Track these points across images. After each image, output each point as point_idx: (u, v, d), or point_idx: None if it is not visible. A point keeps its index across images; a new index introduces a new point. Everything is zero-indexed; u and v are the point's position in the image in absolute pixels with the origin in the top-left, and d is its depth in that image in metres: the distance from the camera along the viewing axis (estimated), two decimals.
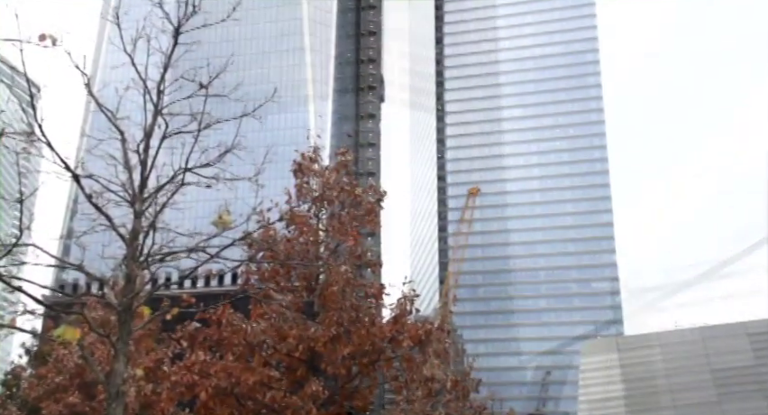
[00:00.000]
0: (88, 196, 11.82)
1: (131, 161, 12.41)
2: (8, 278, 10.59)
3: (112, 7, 16.45)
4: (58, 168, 11.39)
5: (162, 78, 12.82)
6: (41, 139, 11.15)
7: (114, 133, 12.52)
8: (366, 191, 24.25)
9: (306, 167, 23.71)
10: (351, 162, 25.24)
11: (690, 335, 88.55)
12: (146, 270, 12.09)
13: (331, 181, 23.32)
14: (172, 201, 12.68)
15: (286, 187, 23.65)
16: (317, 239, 22.42)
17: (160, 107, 12.80)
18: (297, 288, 20.97)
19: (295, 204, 22.23)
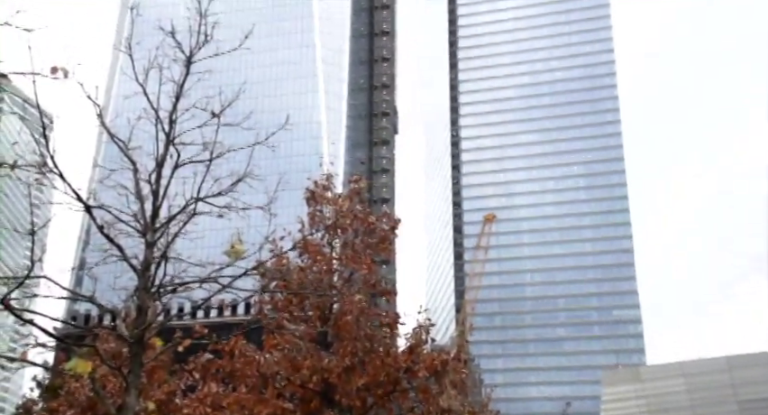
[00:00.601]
0: (100, 227, 11.91)
1: (142, 191, 12.51)
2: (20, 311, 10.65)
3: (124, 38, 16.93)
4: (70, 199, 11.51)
5: (174, 107, 12.98)
6: (54, 170, 11.29)
7: (126, 163, 12.65)
8: (380, 219, 24.22)
9: (319, 195, 23.73)
10: (364, 190, 25.25)
11: (715, 364, 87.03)
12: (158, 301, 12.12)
13: (344, 209, 23.32)
14: (184, 231, 12.75)
15: (299, 215, 23.70)
16: (331, 268, 22.38)
17: (172, 137, 12.94)
18: (311, 318, 20.90)
19: (308, 232, 22.23)
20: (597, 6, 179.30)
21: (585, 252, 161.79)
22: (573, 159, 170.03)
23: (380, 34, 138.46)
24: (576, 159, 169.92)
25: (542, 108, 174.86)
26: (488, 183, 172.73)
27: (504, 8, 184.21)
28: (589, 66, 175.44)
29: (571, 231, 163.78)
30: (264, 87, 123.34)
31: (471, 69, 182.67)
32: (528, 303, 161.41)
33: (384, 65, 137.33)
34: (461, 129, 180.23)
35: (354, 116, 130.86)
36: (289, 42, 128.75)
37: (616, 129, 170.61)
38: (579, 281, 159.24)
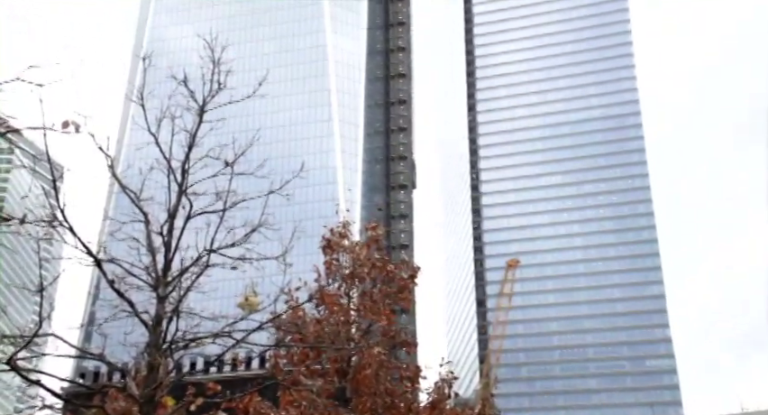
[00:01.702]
0: (110, 281, 11.96)
1: (154, 243, 12.59)
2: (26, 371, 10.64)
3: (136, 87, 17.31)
4: (80, 253, 11.60)
5: (187, 157, 13.14)
6: (64, 224, 11.40)
7: (137, 215, 12.76)
8: (399, 267, 24.17)
9: (335, 243, 23.75)
10: (382, 237, 25.25)
11: None
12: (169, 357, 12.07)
13: (362, 257, 23.29)
14: (197, 284, 12.77)
15: (314, 264, 23.69)
16: (349, 319, 22.25)
17: (184, 187, 13.06)
18: (328, 372, 20.69)
19: (324, 282, 22.19)
20: (619, 45, 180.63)
21: (614, 298, 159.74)
22: (599, 201, 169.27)
23: (396, 77, 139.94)
24: (602, 201, 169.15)
25: (564, 149, 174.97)
26: (510, 227, 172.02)
27: (523, 48, 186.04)
28: (612, 105, 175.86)
29: (598, 276, 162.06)
30: (278, 132, 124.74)
31: (490, 111, 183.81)
32: (556, 353, 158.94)
33: (401, 107, 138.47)
34: (480, 172, 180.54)
35: (371, 161, 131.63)
36: (303, 87, 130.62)
37: (642, 170, 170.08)
38: (609, 329, 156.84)
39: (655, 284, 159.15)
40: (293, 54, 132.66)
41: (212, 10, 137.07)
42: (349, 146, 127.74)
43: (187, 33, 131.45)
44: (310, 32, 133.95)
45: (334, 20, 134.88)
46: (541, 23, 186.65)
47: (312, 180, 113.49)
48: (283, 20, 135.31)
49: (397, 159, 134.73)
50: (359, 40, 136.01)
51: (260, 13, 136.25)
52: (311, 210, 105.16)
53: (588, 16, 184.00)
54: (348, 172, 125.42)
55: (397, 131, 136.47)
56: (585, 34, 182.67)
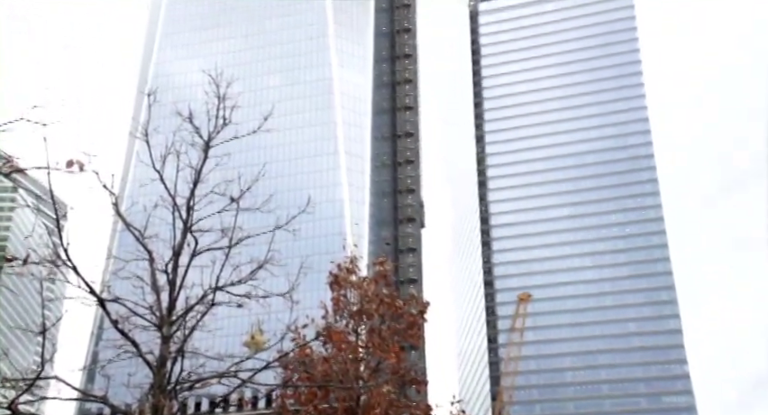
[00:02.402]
0: (114, 321, 11.95)
1: (159, 281, 12.59)
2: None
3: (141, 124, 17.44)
4: (83, 292, 11.61)
5: (192, 193, 13.19)
6: (67, 263, 11.43)
7: (141, 253, 12.79)
8: (407, 303, 24.08)
9: (342, 279, 23.72)
10: (390, 272, 25.22)
11: None
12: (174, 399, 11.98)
13: (370, 293, 23.23)
14: (202, 323, 12.73)
15: (322, 300, 23.64)
16: (357, 357, 22.11)
17: (189, 224, 13.10)
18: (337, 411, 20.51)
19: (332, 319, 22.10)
20: (629, 74, 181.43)
21: (629, 333, 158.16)
22: (612, 233, 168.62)
23: (403, 109, 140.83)
24: (615, 233, 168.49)
25: (576, 180, 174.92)
26: (521, 260, 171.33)
27: (531, 78, 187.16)
28: (624, 135, 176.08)
29: (612, 310, 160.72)
30: (284, 165, 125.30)
31: (499, 142, 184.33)
32: (570, 389, 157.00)
33: (408, 139, 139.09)
34: (490, 204, 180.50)
35: (378, 194, 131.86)
36: (309, 120, 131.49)
37: (655, 201, 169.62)
38: (624, 365, 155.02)
39: (671, 318, 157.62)
40: (299, 87, 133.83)
41: (217, 45, 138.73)
42: (356, 179, 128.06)
43: (193, 68, 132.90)
44: (316, 65, 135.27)
45: (340, 53, 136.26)
46: (550, 53, 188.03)
47: (319, 214, 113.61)
48: (289, 53, 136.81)
49: (404, 192, 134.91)
50: (365, 72, 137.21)
51: (266, 47, 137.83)
52: (318, 245, 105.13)
53: (597, 46, 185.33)
54: (355, 206, 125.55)
55: (404, 163, 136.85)
56: (595, 63, 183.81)
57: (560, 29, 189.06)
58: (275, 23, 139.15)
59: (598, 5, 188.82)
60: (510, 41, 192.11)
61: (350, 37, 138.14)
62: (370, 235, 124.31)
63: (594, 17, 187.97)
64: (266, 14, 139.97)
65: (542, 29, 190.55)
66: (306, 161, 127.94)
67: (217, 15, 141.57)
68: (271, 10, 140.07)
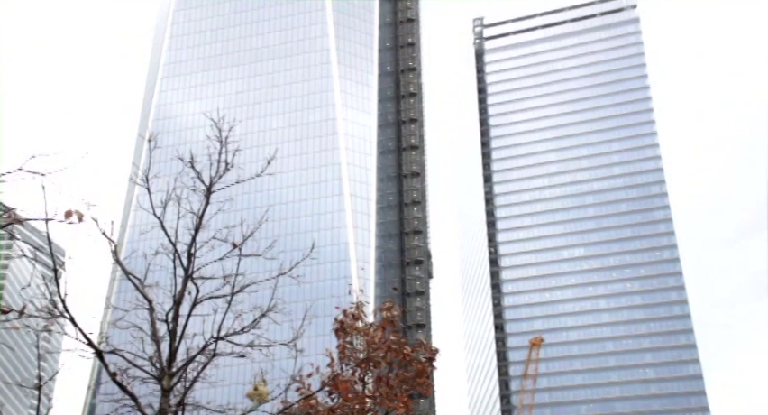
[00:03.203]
0: (112, 374, 11.86)
1: (159, 331, 12.53)
2: None
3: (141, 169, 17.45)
4: (80, 344, 11.54)
5: (193, 240, 13.20)
6: (65, 315, 11.39)
7: (141, 302, 12.76)
8: (416, 349, 23.85)
9: (348, 325, 23.55)
10: (398, 317, 25.05)
11: None
12: None
13: (376, 340, 23.03)
14: (203, 375, 12.62)
15: (327, 348, 23.42)
16: (364, 407, 21.82)
17: (190, 272, 13.08)
18: None
19: (338, 368, 21.88)
20: (640, 112, 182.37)
21: (647, 379, 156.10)
22: (626, 275, 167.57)
23: (409, 148, 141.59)
24: (629, 274, 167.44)
25: (587, 220, 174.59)
26: (532, 303, 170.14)
27: (540, 117, 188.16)
28: (635, 174, 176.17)
29: (629, 355, 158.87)
30: (288, 208, 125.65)
31: (507, 182, 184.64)
32: None
33: (414, 180, 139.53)
34: (499, 245, 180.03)
35: (384, 236, 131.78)
36: (314, 161, 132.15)
37: (670, 241, 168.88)
38: (643, 413, 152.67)
39: (691, 364, 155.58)
40: (303, 128, 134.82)
41: (220, 86, 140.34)
42: (361, 221, 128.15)
43: (194, 111, 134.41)
44: (320, 106, 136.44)
45: (344, 93, 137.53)
46: (557, 91, 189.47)
47: (324, 258, 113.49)
48: (292, 94, 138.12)
49: (411, 233, 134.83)
50: (370, 112, 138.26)
51: (269, 88, 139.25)
52: (323, 289, 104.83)
53: (606, 83, 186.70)
54: (361, 248, 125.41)
55: (411, 204, 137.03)
56: (604, 101, 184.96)
57: (566, 67, 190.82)
58: (278, 64, 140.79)
59: (605, 43, 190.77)
60: (516, 79, 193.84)
61: (354, 77, 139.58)
62: (376, 278, 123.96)
63: (601, 54, 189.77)
64: (269, 56, 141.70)
65: (548, 67, 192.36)
66: (310, 203, 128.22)
67: (220, 57, 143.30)
68: (274, 51, 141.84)
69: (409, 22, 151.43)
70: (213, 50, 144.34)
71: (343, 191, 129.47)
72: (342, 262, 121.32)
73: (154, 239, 13.83)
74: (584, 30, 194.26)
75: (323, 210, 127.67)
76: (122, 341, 12.40)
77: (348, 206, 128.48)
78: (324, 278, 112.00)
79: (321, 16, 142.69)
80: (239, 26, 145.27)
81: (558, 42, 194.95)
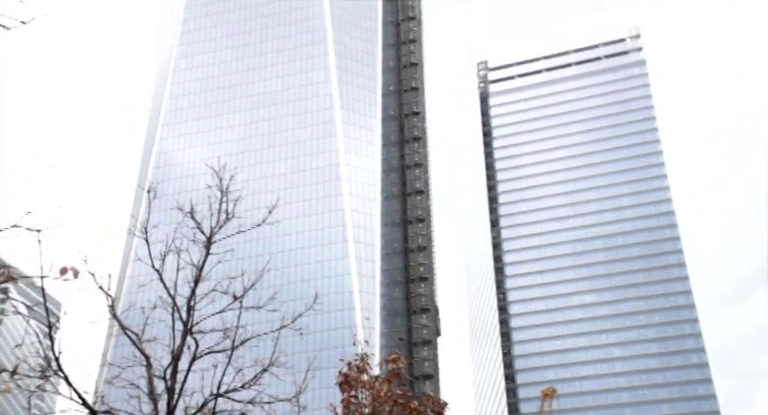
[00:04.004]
0: None
1: (156, 389, 12.36)
2: None
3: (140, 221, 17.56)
4: (75, 404, 11.37)
5: (193, 292, 13.11)
6: (58, 374, 11.25)
7: (138, 358, 12.61)
8: (424, 403, 23.48)
9: (353, 378, 23.25)
10: (404, 369, 24.75)
11: None
12: None
13: (382, 394, 22.71)
14: None
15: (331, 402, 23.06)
16: None
17: (190, 325, 12.96)
18: None
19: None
20: (650, 154, 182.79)
21: None
22: (639, 322, 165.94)
23: (414, 193, 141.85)
24: (642, 321, 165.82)
25: (598, 265, 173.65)
26: (543, 352, 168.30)
27: (547, 160, 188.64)
28: (647, 217, 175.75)
29: (646, 406, 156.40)
30: (291, 256, 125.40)
31: (515, 226, 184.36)
32: None
33: (419, 226, 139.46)
34: (508, 292, 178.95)
35: (389, 283, 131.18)
36: (316, 208, 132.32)
37: (685, 286, 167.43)
38: None
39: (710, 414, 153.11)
40: (305, 174, 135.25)
41: (221, 133, 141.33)
42: (366, 268, 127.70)
43: (196, 158, 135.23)
44: (323, 152, 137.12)
45: (347, 138, 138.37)
46: (563, 133, 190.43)
47: (327, 307, 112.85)
48: (294, 140, 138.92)
49: (417, 280, 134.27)
50: (373, 157, 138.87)
51: (271, 134, 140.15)
52: (326, 340, 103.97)
53: (613, 125, 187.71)
54: (365, 297, 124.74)
55: (416, 250, 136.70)
56: (612, 144, 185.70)
57: (573, 109, 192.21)
58: (280, 110, 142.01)
59: (612, 85, 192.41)
60: (522, 122, 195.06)
61: (357, 122, 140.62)
62: (381, 327, 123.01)
63: (608, 97, 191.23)
64: (271, 102, 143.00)
65: (554, 109, 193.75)
66: (313, 250, 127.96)
67: (221, 104, 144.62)
68: (277, 97, 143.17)
69: (413, 66, 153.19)
70: (214, 96, 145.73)
71: (347, 238, 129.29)
72: (346, 310, 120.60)
73: (153, 291, 13.74)
74: (590, 72, 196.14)
75: (326, 258, 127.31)
76: (118, 399, 12.23)
77: (352, 253, 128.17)
78: (328, 328, 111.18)
79: (324, 62, 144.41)
80: (241, 73, 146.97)
81: (564, 85, 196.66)
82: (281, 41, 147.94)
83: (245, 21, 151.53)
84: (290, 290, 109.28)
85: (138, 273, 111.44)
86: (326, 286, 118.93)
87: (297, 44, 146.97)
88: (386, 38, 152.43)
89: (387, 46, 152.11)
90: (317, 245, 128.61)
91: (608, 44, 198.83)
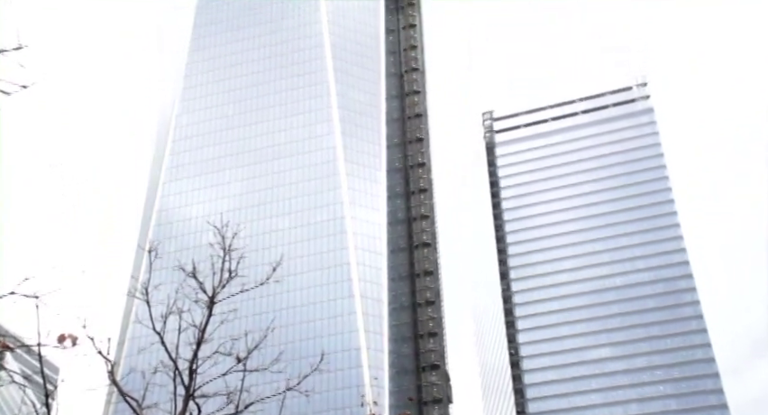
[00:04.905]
0: None
1: None
2: None
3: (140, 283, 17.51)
4: None
5: (195, 355, 12.98)
6: None
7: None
8: None
9: None
10: None
11: None
12: None
13: None
14: None
15: None
16: None
17: (192, 390, 12.79)
18: None
19: None
20: (661, 202, 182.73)
21: None
22: (657, 377, 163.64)
23: (420, 246, 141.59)
24: (661, 377, 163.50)
25: (612, 318, 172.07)
26: (559, 409, 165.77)
27: (555, 210, 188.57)
28: (660, 267, 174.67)
29: None
30: (296, 312, 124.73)
31: (525, 279, 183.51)
32: None
33: (427, 279, 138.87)
34: (520, 347, 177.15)
35: (398, 339, 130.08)
36: (321, 263, 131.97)
37: (703, 339, 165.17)
38: None
39: None
40: (310, 228, 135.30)
41: (224, 188, 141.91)
42: (373, 324, 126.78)
43: (198, 214, 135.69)
44: (327, 205, 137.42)
45: (352, 190, 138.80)
46: (571, 183, 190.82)
47: (334, 365, 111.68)
48: (298, 194, 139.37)
49: (426, 335, 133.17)
50: (379, 209, 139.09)
51: (274, 188, 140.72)
52: (333, 400, 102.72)
53: (624, 174, 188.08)
54: (373, 354, 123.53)
55: (424, 304, 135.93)
56: (621, 193, 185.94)
57: (581, 158, 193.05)
58: (283, 164, 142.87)
59: (620, 133, 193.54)
60: (530, 172, 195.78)
61: (361, 174, 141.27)
62: (390, 385, 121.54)
63: (617, 145, 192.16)
64: (274, 156, 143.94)
65: (561, 159, 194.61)
66: (319, 306, 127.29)
67: (223, 159, 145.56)
68: (280, 151, 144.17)
69: (417, 117, 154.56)
70: (217, 151, 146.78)
71: (354, 293, 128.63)
72: (353, 369, 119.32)
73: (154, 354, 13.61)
74: (597, 121, 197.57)
75: (332, 314, 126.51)
76: None
77: (359, 308, 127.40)
78: (335, 387, 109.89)
79: (326, 114, 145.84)
80: (243, 127, 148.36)
81: (571, 134, 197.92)
82: (283, 95, 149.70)
83: (246, 75, 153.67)
84: (296, 348, 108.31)
85: (138, 335, 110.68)
86: (333, 343, 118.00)
87: (299, 98, 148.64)
88: (389, 89, 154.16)
89: (390, 97, 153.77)
90: (323, 301, 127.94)
91: (615, 92, 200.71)
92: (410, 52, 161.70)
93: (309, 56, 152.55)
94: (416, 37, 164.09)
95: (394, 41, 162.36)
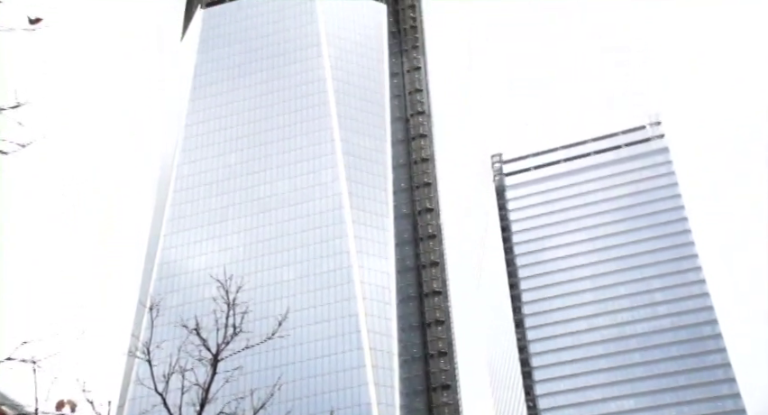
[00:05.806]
0: None
1: None
2: None
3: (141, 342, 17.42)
4: None
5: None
6: None
7: None
8: None
9: None
10: None
11: None
12: None
13: None
14: None
15: None
16: None
17: None
18: None
19: None
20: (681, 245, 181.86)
21: None
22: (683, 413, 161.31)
23: (431, 294, 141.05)
24: (687, 412, 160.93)
25: (634, 367, 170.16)
26: None
27: (571, 254, 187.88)
28: (683, 313, 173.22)
29: None
30: (303, 367, 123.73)
31: (541, 327, 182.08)
32: None
33: (438, 329, 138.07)
34: (538, 399, 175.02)
35: (409, 393, 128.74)
36: (328, 314, 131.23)
37: (732, 389, 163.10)
38: None
39: None
40: (315, 279, 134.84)
41: (227, 239, 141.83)
42: (384, 377, 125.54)
43: (200, 267, 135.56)
44: (333, 254, 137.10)
45: (359, 238, 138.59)
46: (588, 225, 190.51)
47: (343, 402, 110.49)
48: (303, 243, 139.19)
49: (439, 388, 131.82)
50: (387, 257, 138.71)
51: (279, 238, 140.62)
52: None
53: (640, 216, 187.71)
54: (384, 408, 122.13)
55: (436, 355, 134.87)
56: (640, 235, 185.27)
57: (595, 200, 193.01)
58: (288, 212, 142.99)
59: (634, 174, 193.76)
60: (542, 215, 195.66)
61: (368, 221, 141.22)
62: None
63: (631, 186, 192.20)
64: (278, 204, 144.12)
65: (574, 201, 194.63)
66: (326, 360, 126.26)
67: (226, 209, 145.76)
68: (283, 200, 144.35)
69: (424, 161, 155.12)
70: (219, 202, 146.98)
71: (363, 345, 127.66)
72: (363, 406, 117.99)
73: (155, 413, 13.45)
74: (610, 161, 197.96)
75: (341, 367, 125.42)
76: None
77: (368, 361, 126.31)
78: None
79: (331, 161, 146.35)
80: (246, 176, 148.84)
81: (583, 175, 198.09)
82: (286, 142, 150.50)
83: (249, 123, 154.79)
84: (304, 404, 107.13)
85: (140, 396, 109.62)
86: (342, 399, 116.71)
87: (302, 144, 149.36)
88: (395, 133, 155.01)
89: (396, 142, 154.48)
90: (331, 354, 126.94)
91: (628, 132, 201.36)
92: (415, 95, 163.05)
93: (313, 102, 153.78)
94: (421, 80, 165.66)
95: (398, 84, 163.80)
